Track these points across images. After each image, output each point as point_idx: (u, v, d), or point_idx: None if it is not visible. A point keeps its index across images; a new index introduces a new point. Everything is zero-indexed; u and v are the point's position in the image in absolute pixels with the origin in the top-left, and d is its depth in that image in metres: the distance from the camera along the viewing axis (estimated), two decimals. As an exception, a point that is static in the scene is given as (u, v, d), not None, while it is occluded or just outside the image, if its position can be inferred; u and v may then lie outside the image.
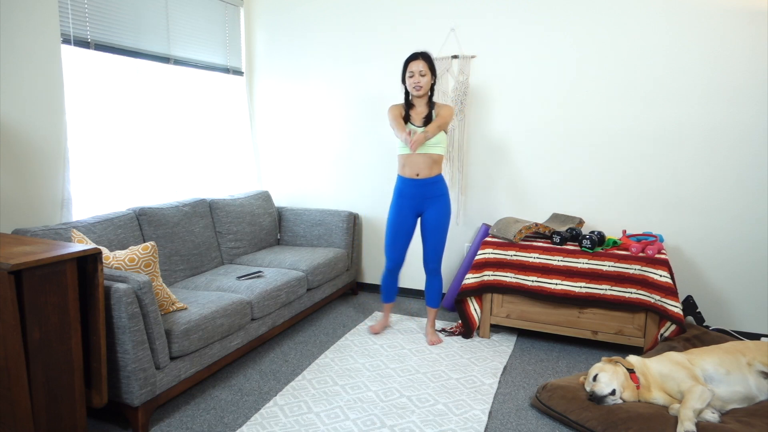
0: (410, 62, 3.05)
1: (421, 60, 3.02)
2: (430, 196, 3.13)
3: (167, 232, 3.13)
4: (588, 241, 3.05)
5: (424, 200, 3.13)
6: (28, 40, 2.67)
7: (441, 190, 3.15)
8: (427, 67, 3.03)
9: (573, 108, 3.53)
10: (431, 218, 3.15)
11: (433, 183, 3.12)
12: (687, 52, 3.25)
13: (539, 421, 2.41)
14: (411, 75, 3.04)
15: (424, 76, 3.02)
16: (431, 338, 3.24)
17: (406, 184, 3.14)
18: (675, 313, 2.82)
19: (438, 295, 3.29)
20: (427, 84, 3.05)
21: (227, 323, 2.66)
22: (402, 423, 2.34)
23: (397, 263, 3.26)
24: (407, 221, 3.17)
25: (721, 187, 3.28)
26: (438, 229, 3.16)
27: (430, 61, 3.05)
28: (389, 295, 3.37)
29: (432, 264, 3.23)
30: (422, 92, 3.06)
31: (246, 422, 2.35)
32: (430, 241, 3.19)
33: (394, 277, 3.32)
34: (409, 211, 3.16)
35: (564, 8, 3.46)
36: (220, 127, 4.07)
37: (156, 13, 3.41)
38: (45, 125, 2.77)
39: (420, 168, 3.08)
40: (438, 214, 3.14)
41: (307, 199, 4.38)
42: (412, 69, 3.03)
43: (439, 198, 3.14)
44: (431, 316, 3.31)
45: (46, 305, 1.86)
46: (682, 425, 2.08)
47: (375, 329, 3.35)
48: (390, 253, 3.24)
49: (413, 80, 3.03)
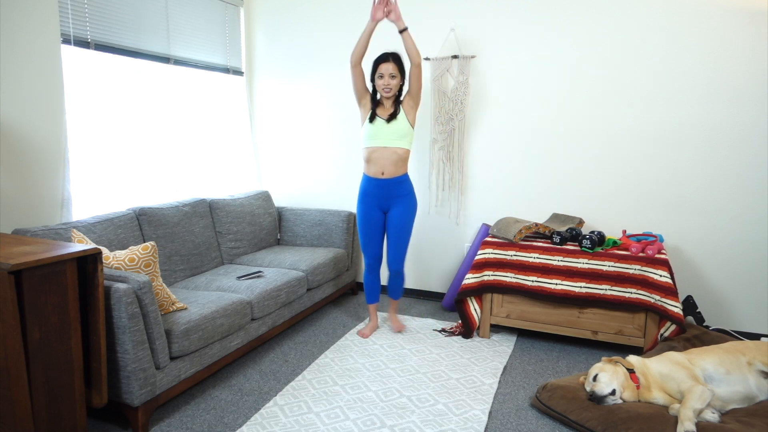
0: (380, 63, 3.02)
1: (391, 62, 3.00)
2: (395, 196, 3.14)
3: (167, 232, 3.13)
4: (588, 241, 3.06)
5: (389, 199, 3.15)
6: (28, 40, 2.67)
7: (406, 190, 3.16)
8: (397, 69, 3.01)
9: (573, 108, 3.53)
10: (395, 218, 3.16)
11: (398, 183, 3.12)
12: (687, 52, 3.25)
13: (539, 421, 2.41)
14: (381, 76, 3.02)
15: (394, 78, 3.01)
16: (396, 324, 3.37)
17: (370, 183, 3.14)
18: (675, 313, 2.82)
19: (400, 289, 3.37)
20: (396, 86, 3.05)
21: (227, 323, 2.66)
22: (402, 423, 2.34)
23: (375, 258, 3.28)
24: (375, 217, 3.19)
25: (721, 187, 3.28)
26: (401, 230, 3.17)
27: (400, 63, 3.03)
28: (373, 295, 3.37)
29: (395, 265, 3.26)
30: (391, 94, 3.06)
31: (246, 422, 2.35)
32: (393, 240, 3.21)
33: (375, 273, 3.33)
34: (374, 209, 3.18)
35: (564, 8, 3.46)
36: (220, 127, 4.07)
37: (156, 13, 3.41)
38: (45, 125, 2.77)
39: (385, 166, 3.08)
40: (402, 214, 3.15)
41: (307, 199, 4.38)
42: (382, 71, 3.01)
43: (404, 197, 3.15)
44: (394, 305, 3.43)
45: (46, 305, 1.86)
46: (682, 425, 2.08)
47: (364, 333, 3.32)
48: (366, 249, 3.26)
49: (383, 82, 3.02)
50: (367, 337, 3.30)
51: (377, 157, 3.08)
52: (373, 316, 3.40)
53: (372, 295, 3.37)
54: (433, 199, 3.98)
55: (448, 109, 3.80)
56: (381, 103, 3.12)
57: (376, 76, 3.05)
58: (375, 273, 3.33)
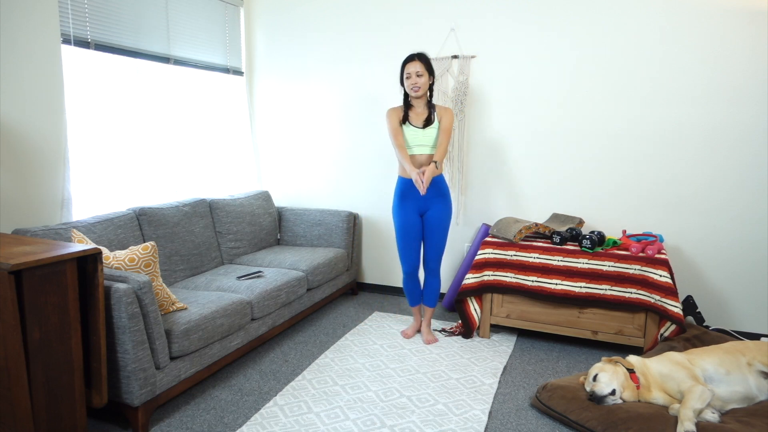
0: (407, 63, 3.04)
1: (417, 61, 3.01)
2: (432, 196, 3.12)
3: (167, 232, 3.13)
4: (588, 241, 3.05)
5: (426, 200, 3.13)
6: (28, 40, 2.67)
7: (443, 190, 3.15)
8: (424, 68, 3.02)
9: (573, 108, 3.53)
10: (433, 218, 3.14)
11: (435, 183, 3.11)
12: (687, 52, 3.25)
13: (539, 421, 2.41)
14: (408, 76, 3.03)
15: (421, 76, 3.02)
16: (427, 337, 3.25)
17: (407, 185, 3.13)
18: (675, 313, 2.82)
19: (436, 294, 3.28)
20: (424, 85, 3.04)
21: (227, 323, 2.66)
22: (402, 423, 2.34)
23: (414, 266, 3.23)
24: (414, 222, 3.16)
25: (721, 187, 3.28)
26: (439, 229, 3.15)
27: (427, 62, 3.04)
28: (414, 298, 3.33)
29: (432, 264, 3.23)
30: (420, 93, 3.05)
31: (246, 422, 2.35)
32: (431, 240, 3.18)
33: (414, 279, 3.29)
34: (413, 212, 3.15)
35: (564, 8, 3.46)
36: (220, 127, 4.07)
37: (156, 13, 3.41)
38: (45, 125, 2.77)
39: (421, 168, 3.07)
40: (440, 214, 3.14)
41: (307, 199, 4.38)
42: (409, 70, 3.02)
43: (441, 198, 3.14)
44: (428, 315, 3.30)
45: (46, 305, 1.86)
46: (682, 425, 2.08)
47: (407, 334, 3.32)
48: (405, 257, 3.21)
49: (410, 81, 3.03)
50: (409, 338, 3.31)
51: (414, 163, 3.07)
52: (417, 317, 3.37)
53: (414, 299, 3.33)
54: (433, 199, 3.98)
55: (448, 109, 3.80)
56: (412, 105, 3.12)
57: (404, 77, 3.07)
58: (414, 279, 3.29)
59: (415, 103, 3.11)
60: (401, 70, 3.08)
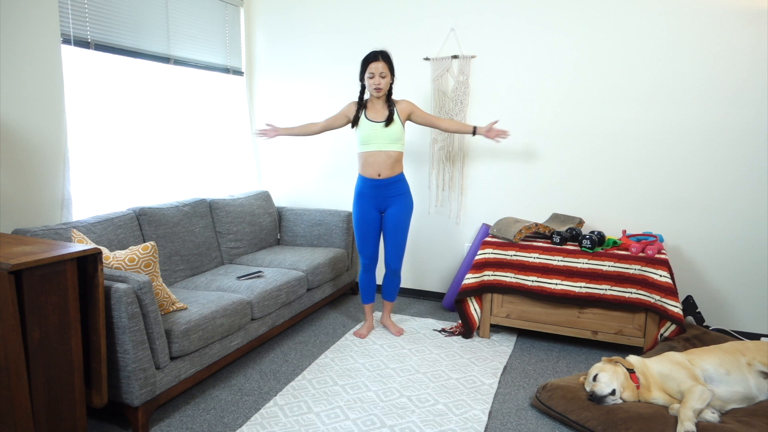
0: (370, 63, 3.01)
1: (381, 61, 2.99)
2: (391, 195, 3.14)
3: (167, 232, 3.13)
4: (588, 241, 3.05)
5: (385, 199, 3.15)
6: (28, 40, 2.67)
7: (402, 189, 3.17)
8: (387, 69, 3.01)
9: (573, 108, 3.53)
10: (392, 217, 3.16)
11: (394, 182, 3.13)
12: (687, 52, 3.25)
13: (539, 421, 2.41)
14: (371, 76, 3.01)
15: (384, 77, 3.01)
16: (395, 328, 3.35)
17: (366, 184, 3.14)
18: (675, 313, 2.82)
19: (395, 290, 3.37)
20: (386, 85, 3.04)
21: (227, 323, 2.66)
22: (402, 423, 2.34)
23: (371, 258, 3.27)
24: (371, 217, 3.19)
25: (721, 187, 3.28)
26: (399, 228, 3.17)
27: (389, 62, 3.03)
28: (368, 295, 3.37)
29: (394, 265, 3.26)
30: (381, 94, 3.05)
31: (246, 422, 2.35)
32: (390, 240, 3.20)
33: (371, 274, 3.33)
34: (370, 209, 3.18)
35: (564, 8, 3.46)
36: (220, 127, 4.07)
37: (156, 13, 3.41)
38: (45, 125, 2.77)
39: (381, 168, 3.09)
40: (399, 213, 3.16)
41: (307, 199, 4.38)
42: (372, 70, 2.99)
43: (401, 196, 3.16)
44: (388, 308, 3.42)
45: (46, 305, 1.86)
46: (682, 425, 2.08)
47: (361, 333, 3.31)
48: (362, 249, 3.26)
49: (373, 81, 3.01)
50: (364, 338, 3.29)
51: (373, 161, 3.09)
52: (369, 316, 3.39)
53: (368, 295, 3.36)
54: (433, 199, 3.98)
55: (448, 108, 3.80)
56: (367, 104, 3.13)
57: (365, 75, 3.04)
58: (371, 273, 3.33)
59: (374, 100, 3.11)
60: (362, 66, 3.05)
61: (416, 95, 3.90)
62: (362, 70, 3.05)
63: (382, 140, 3.06)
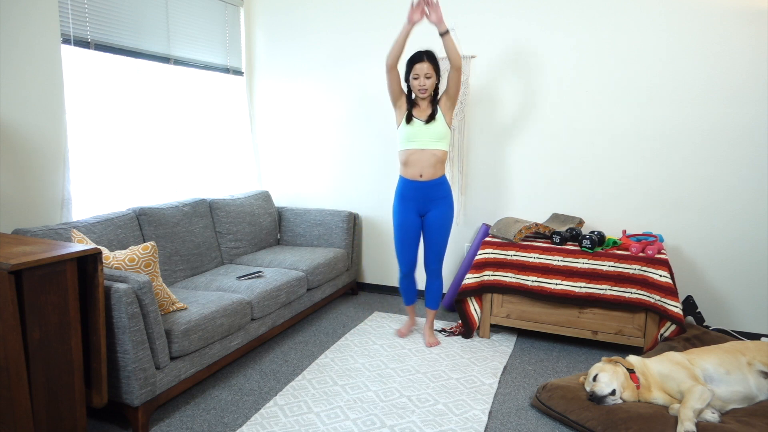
0: (415, 64, 2.95)
1: (426, 62, 2.93)
2: (434, 198, 3.07)
3: (167, 232, 3.13)
4: (588, 241, 3.05)
5: (428, 202, 3.08)
6: (28, 40, 2.67)
7: (444, 192, 3.10)
8: (432, 69, 2.95)
9: (573, 108, 3.53)
10: (434, 220, 3.10)
11: (437, 185, 3.06)
12: (687, 52, 3.25)
13: (539, 421, 2.41)
14: (416, 77, 2.96)
15: (429, 78, 2.95)
16: (429, 340, 3.21)
17: (408, 186, 3.08)
18: (675, 313, 2.82)
19: (438, 296, 3.26)
20: (432, 86, 2.98)
21: (227, 323, 2.66)
22: (402, 423, 2.34)
23: (411, 267, 3.22)
24: (413, 224, 3.12)
25: (721, 187, 3.28)
26: (441, 231, 3.12)
27: (435, 62, 2.96)
28: (410, 297, 3.33)
29: (434, 265, 3.20)
30: (427, 95, 2.99)
31: (246, 422, 2.35)
32: (432, 242, 3.15)
33: (411, 279, 3.28)
34: (413, 214, 3.11)
35: (564, 8, 3.46)
36: (220, 127, 4.07)
37: (156, 13, 3.41)
38: (45, 125, 2.77)
39: (423, 168, 3.01)
40: (441, 216, 3.10)
41: (307, 199, 4.39)
42: (417, 72, 2.94)
43: (443, 200, 3.09)
44: (430, 317, 3.28)
45: (46, 305, 1.86)
46: (682, 425, 2.08)
47: (402, 332, 3.31)
48: (402, 258, 3.20)
49: (418, 83, 2.95)
50: (404, 336, 3.30)
51: (415, 160, 3.01)
52: (411, 316, 3.37)
53: (409, 298, 3.33)
54: (433, 199, 3.98)
55: (448, 109, 3.80)
56: (416, 103, 3.06)
57: (410, 76, 2.98)
58: (411, 279, 3.27)
59: (420, 101, 3.05)
60: (408, 67, 2.99)
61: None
62: (407, 70, 2.99)
63: (424, 138, 2.99)
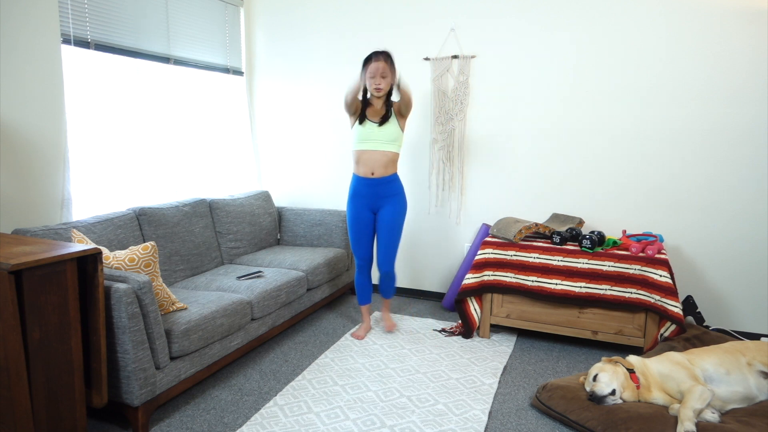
0: (370, 62, 2.97)
1: (382, 61, 2.95)
2: (385, 195, 3.13)
3: (167, 232, 3.13)
4: (588, 241, 3.05)
5: (379, 199, 3.14)
6: (28, 40, 2.67)
7: (396, 189, 3.15)
8: (388, 69, 2.97)
9: (573, 108, 3.53)
10: (385, 217, 3.15)
11: (388, 182, 3.11)
12: (687, 52, 3.25)
13: (539, 421, 2.41)
14: (372, 76, 2.98)
15: (385, 77, 2.97)
16: (388, 323, 3.37)
17: (360, 183, 3.13)
18: (675, 313, 2.82)
19: (391, 287, 3.35)
20: (387, 86, 3.01)
21: (227, 323, 2.66)
22: (402, 423, 2.34)
23: (366, 259, 3.27)
24: (365, 219, 3.18)
25: (721, 187, 3.28)
26: (392, 229, 3.16)
27: (391, 62, 3.00)
28: (364, 296, 3.36)
29: (385, 267, 3.23)
30: (382, 93, 3.02)
31: (246, 422, 2.35)
32: (383, 240, 3.19)
33: (366, 274, 3.32)
34: (365, 210, 3.17)
35: (564, 8, 3.46)
36: (220, 127, 4.07)
37: (156, 13, 3.41)
38: (45, 125, 2.77)
39: (375, 167, 3.07)
40: (392, 214, 3.15)
41: (307, 199, 4.38)
42: (373, 71, 2.96)
43: (394, 197, 3.15)
44: (386, 303, 3.42)
45: (46, 305, 1.86)
46: (682, 425, 2.08)
47: (358, 335, 3.30)
48: (356, 250, 3.25)
49: (374, 82, 2.98)
50: (361, 339, 3.28)
51: (367, 159, 3.08)
52: (366, 317, 3.38)
53: (364, 296, 3.35)
54: (433, 199, 3.98)
55: (448, 109, 3.80)
56: (370, 103, 3.10)
57: (366, 75, 3.00)
58: (366, 274, 3.32)
59: (374, 101, 3.09)
60: (363, 67, 3.02)
61: (416, 95, 3.90)
62: (363, 69, 3.03)
63: (377, 140, 3.05)
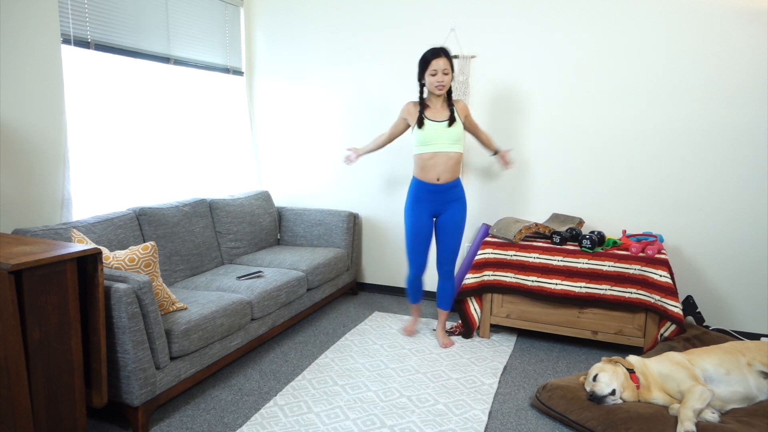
0: (432, 59, 2.89)
1: (443, 57, 2.89)
2: (449, 200, 3.06)
3: (167, 232, 3.13)
4: (588, 241, 3.05)
5: (442, 204, 3.06)
6: (28, 40, 2.67)
7: (459, 194, 3.08)
8: (449, 65, 2.91)
9: (573, 108, 3.53)
10: (448, 221, 3.08)
11: (452, 188, 3.04)
12: (687, 52, 3.25)
13: (539, 421, 2.41)
14: (434, 73, 2.90)
15: (447, 74, 2.90)
16: (443, 341, 3.19)
17: (423, 189, 3.04)
18: (675, 313, 2.82)
19: (450, 297, 3.23)
20: (449, 82, 2.93)
21: (227, 323, 2.66)
22: (402, 423, 2.34)
23: (421, 269, 3.20)
24: (425, 226, 3.09)
25: (721, 187, 3.28)
26: (455, 233, 3.10)
27: (450, 59, 2.93)
28: (416, 296, 3.32)
29: (447, 266, 3.17)
30: (444, 91, 2.95)
31: (246, 422, 2.35)
32: (445, 244, 3.12)
33: (419, 281, 3.28)
34: (426, 216, 3.09)
35: (564, 8, 3.46)
36: (220, 127, 4.07)
37: (156, 13, 3.41)
38: (45, 125, 2.77)
39: (441, 171, 2.98)
40: (455, 218, 3.07)
41: (307, 199, 4.38)
42: (435, 67, 2.88)
43: (457, 201, 3.07)
44: (442, 318, 3.26)
45: (46, 305, 1.86)
46: (682, 425, 2.08)
47: (408, 330, 3.32)
48: (413, 260, 3.17)
49: (436, 78, 2.90)
50: (411, 334, 3.30)
51: (433, 164, 2.97)
52: (416, 314, 3.37)
53: (415, 296, 3.31)
54: (433, 199, 3.98)
55: (448, 109, 3.79)
56: (427, 104, 3.02)
57: (427, 72, 2.93)
58: (419, 281, 3.27)
59: (435, 100, 3.01)
60: (423, 64, 2.94)
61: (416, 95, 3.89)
62: (422, 68, 2.94)
63: (444, 141, 2.95)
